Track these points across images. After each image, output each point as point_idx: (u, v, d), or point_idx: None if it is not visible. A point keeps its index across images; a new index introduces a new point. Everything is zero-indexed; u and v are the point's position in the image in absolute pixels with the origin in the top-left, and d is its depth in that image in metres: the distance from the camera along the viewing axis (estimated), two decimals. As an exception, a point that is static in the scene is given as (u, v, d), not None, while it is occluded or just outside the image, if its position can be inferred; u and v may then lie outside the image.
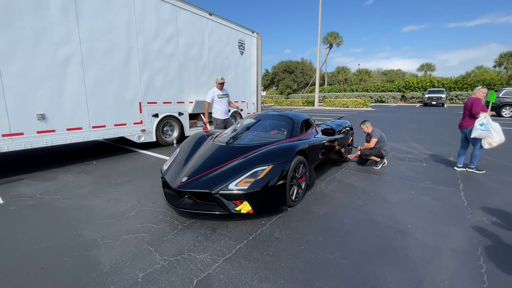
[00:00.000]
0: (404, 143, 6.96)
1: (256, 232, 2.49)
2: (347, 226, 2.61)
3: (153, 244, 2.31)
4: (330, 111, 19.54)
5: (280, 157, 2.79)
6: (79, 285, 1.83)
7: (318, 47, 24.97)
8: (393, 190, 3.62)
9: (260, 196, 2.58)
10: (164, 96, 6.30)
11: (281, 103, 29.13)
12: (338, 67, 44.18)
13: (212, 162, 2.91)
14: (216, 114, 5.26)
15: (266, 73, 46.44)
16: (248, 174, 2.62)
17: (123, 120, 5.51)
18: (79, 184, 3.89)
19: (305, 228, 2.58)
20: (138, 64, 5.66)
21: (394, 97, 29.82)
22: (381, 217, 2.81)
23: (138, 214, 2.90)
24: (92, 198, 3.36)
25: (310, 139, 3.71)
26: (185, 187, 2.59)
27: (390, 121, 12.39)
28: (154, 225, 2.65)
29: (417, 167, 4.78)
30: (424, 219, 2.78)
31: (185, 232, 2.50)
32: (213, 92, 5.18)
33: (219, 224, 2.64)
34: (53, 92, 4.48)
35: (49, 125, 4.48)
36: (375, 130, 4.75)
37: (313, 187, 3.69)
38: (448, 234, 2.48)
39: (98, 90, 5.04)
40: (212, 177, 2.65)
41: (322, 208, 3.02)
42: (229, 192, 2.50)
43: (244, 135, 3.64)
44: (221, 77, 5.22)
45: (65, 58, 4.58)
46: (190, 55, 6.81)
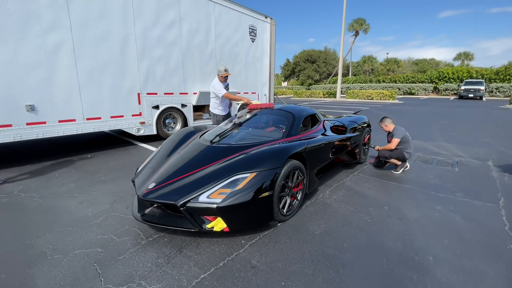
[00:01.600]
0: (432, 142, 6.07)
1: (230, 256, 2.02)
2: (347, 254, 2.05)
3: (104, 265, 1.93)
4: (352, 104, 18.35)
5: (266, 163, 2.26)
6: (-5, 320, 1.49)
7: (342, 33, 23.45)
8: (414, 203, 2.96)
9: (238, 212, 2.10)
10: (165, 87, 5.94)
11: (301, 95, 28.08)
12: (364, 56, 41.65)
13: (189, 165, 2.46)
14: (216, 109, 4.72)
15: (287, 63, 45.03)
16: (225, 183, 2.13)
17: (120, 112, 5.24)
18: (62, 181, 3.66)
19: (293, 253, 2.06)
20: (136, 52, 5.31)
21: (425, 89, 27.53)
22: (393, 242, 2.22)
23: (106, 221, 2.55)
24: (67, 198, 3.08)
25: (314, 138, 3.13)
26: (149, 196, 2.17)
27: (418, 115, 11.20)
28: (116, 237, 2.28)
29: (447, 173, 4.01)
30: (452, 248, 2.14)
31: (147, 250, 2.09)
32: (219, 82, 4.55)
33: (189, 242, 2.20)
34: (42, 82, 4.25)
35: (39, 116, 4.28)
36: (398, 129, 4.02)
37: (315, 195, 3.13)
38: (483, 274, 1.84)
39: (92, 80, 4.77)
40: (183, 184, 2.20)
41: (319, 225, 2.47)
42: (198, 205, 2.04)
43: (234, 132, 3.14)
44: (225, 68, 4.55)
45: (55, 45, 4.32)
46: (194, 43, 6.35)
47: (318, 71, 41.29)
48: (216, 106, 4.70)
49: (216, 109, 4.71)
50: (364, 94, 22.68)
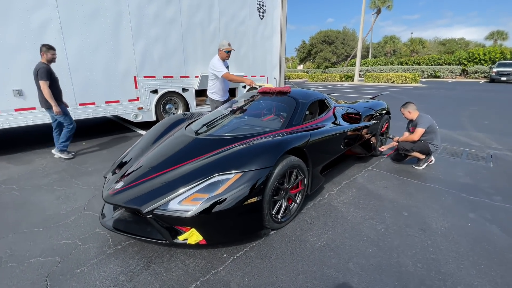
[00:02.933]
0: (461, 131, 5.35)
1: (206, 276, 1.65)
2: (353, 279, 1.62)
3: (56, 280, 1.62)
4: (371, 88, 17.21)
5: (255, 161, 1.82)
6: None
7: (362, 10, 21.74)
8: (440, 209, 2.44)
9: (217, 222, 1.70)
10: (164, 69, 5.52)
11: (316, 78, 26.87)
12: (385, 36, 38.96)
13: (166, 161, 2.07)
14: (214, 94, 4.12)
15: (303, 45, 43.11)
16: (202, 186, 1.73)
17: (115, 97, 4.91)
18: (47, 171, 3.42)
19: (284, 275, 1.66)
20: (131, 31, 4.88)
21: (452, 72, 25.43)
22: (414, 263, 1.76)
23: (76, 221, 2.26)
24: (45, 192, 2.83)
25: (320, 128, 2.64)
26: (114, 199, 1.81)
27: (444, 100, 10.18)
28: (81, 243, 1.97)
29: (480, 169, 3.40)
30: (490, 274, 1.65)
31: (110, 263, 1.77)
32: (219, 61, 3.90)
33: (161, 254, 1.85)
34: (29, 65, 3.93)
35: (28, 102, 4.03)
36: (423, 117, 3.41)
37: (319, 195, 2.68)
38: (540, 320, 1.36)
39: (83, 62, 4.43)
40: (154, 185, 1.82)
41: (321, 236, 2.04)
42: (168, 213, 1.65)
43: (227, 122, 2.70)
44: (228, 42, 3.91)
45: (40, 24, 3.98)
46: (195, 20, 5.81)
47: (335, 53, 39.25)
48: (213, 90, 4.12)
49: (214, 94, 4.15)
50: (384, 77, 21.28)
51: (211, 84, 4.11)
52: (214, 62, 3.91)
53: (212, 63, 3.94)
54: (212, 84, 4.08)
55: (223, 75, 3.86)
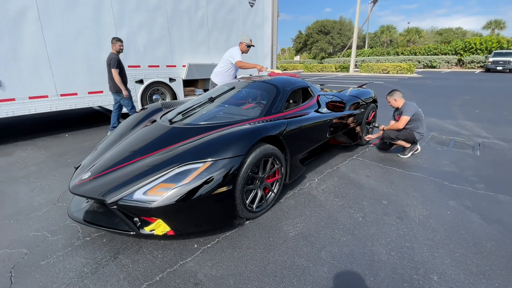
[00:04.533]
0: (451, 120, 5.32)
1: (173, 267, 1.61)
2: (323, 268, 1.59)
3: (21, 272, 1.57)
4: (366, 78, 17.08)
5: (226, 150, 1.76)
6: None
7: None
8: (420, 197, 2.42)
9: (185, 212, 1.65)
10: (150, 59, 5.37)
11: (311, 69, 26.64)
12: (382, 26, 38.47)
13: (136, 151, 2.00)
14: (217, 78, 4.05)
15: (299, 35, 42.45)
16: (169, 176, 1.66)
17: (98, 87, 4.78)
18: (27, 163, 3.34)
19: (254, 264, 1.62)
20: (113, 18, 4.72)
21: (448, 62, 25.29)
22: (387, 251, 1.73)
23: (48, 213, 2.20)
24: (21, 184, 2.75)
25: (300, 116, 2.57)
26: (80, 190, 1.75)
27: (437, 90, 10.13)
28: (50, 235, 1.91)
29: (466, 157, 3.38)
30: (466, 263, 1.63)
31: (77, 254, 1.72)
32: (239, 51, 3.92)
33: (130, 245, 1.80)
34: (6, 55, 3.82)
35: (6, 93, 3.91)
36: (408, 104, 3.36)
37: (300, 184, 2.64)
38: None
39: (63, 51, 4.29)
40: (120, 176, 1.76)
41: (296, 225, 2.00)
42: (133, 203, 1.60)
43: (205, 110, 2.62)
44: (250, 38, 4.04)
45: (17, 12, 3.82)
46: (181, 7, 5.63)
47: (332, 44, 38.73)
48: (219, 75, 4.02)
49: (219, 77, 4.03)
50: (380, 68, 21.09)
51: (218, 70, 4.06)
52: (233, 51, 3.95)
53: (230, 51, 3.97)
54: (221, 70, 4.03)
55: (236, 62, 3.89)
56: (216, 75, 4.08)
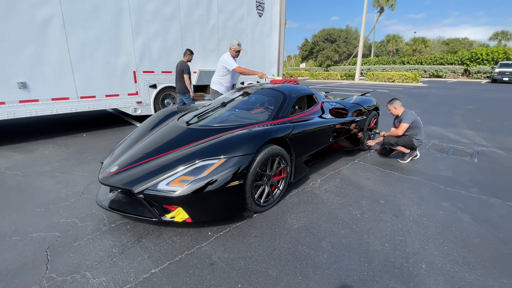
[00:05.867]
0: (453, 129, 5.47)
1: (191, 250, 1.82)
2: (323, 255, 1.78)
3: (56, 251, 1.80)
4: (371, 86, 17.26)
5: (238, 148, 1.99)
6: None
7: (365, 8, 21.71)
8: (416, 198, 2.59)
9: (202, 202, 1.87)
10: (163, 65, 5.68)
11: (317, 76, 26.92)
12: (388, 35, 38.77)
13: (157, 148, 2.24)
14: (217, 86, 4.29)
15: (305, 43, 42.96)
16: (189, 170, 1.89)
17: (115, 91, 5.08)
18: (49, 159, 3.61)
19: (261, 250, 1.82)
20: (131, 27, 5.04)
21: (454, 71, 25.35)
22: (382, 243, 1.91)
23: (75, 203, 2.44)
24: (47, 178, 3.01)
25: (305, 121, 2.79)
26: (109, 181, 1.99)
27: (441, 99, 10.26)
28: (79, 221, 2.15)
29: (464, 164, 3.54)
30: (453, 255, 1.80)
31: (105, 238, 1.94)
32: (231, 57, 4.14)
33: (151, 231, 2.02)
34: (33, 59, 4.14)
35: (31, 94, 4.22)
36: (408, 112, 3.55)
37: (303, 184, 2.84)
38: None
39: (84, 56, 4.60)
40: (145, 169, 1.99)
41: (300, 219, 2.20)
42: (157, 193, 1.82)
43: (218, 113, 2.86)
44: (238, 42, 4.19)
45: (44, 20, 4.14)
46: (194, 17, 5.96)
47: (337, 52, 39.10)
48: (218, 82, 4.27)
49: (218, 85, 4.28)
50: (385, 76, 21.28)
51: (216, 77, 4.29)
52: (226, 58, 4.14)
53: (223, 59, 4.17)
54: (217, 78, 4.26)
55: (234, 69, 4.09)
56: (214, 83, 4.30)
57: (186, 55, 5.04)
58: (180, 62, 5.02)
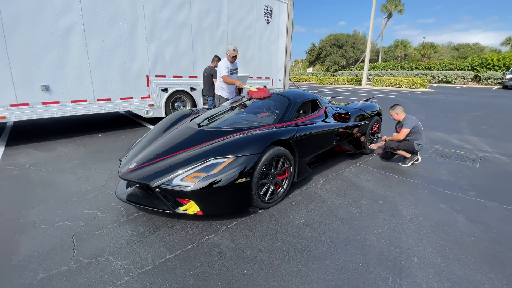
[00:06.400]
0: (457, 135, 5.54)
1: (201, 240, 2.00)
2: (322, 247, 1.94)
3: (81, 238, 2.01)
4: (378, 91, 17.28)
5: (246, 148, 2.17)
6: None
7: (372, 14, 21.80)
8: (414, 199, 2.72)
9: (211, 196, 2.05)
10: (174, 70, 5.95)
11: (324, 81, 27.03)
12: (396, 40, 38.64)
13: (172, 147, 2.44)
14: (221, 91, 4.57)
15: (312, 48, 43.19)
16: (201, 167, 2.08)
17: (129, 94, 5.36)
18: (69, 157, 3.86)
19: (265, 241, 1.99)
20: (145, 34, 5.33)
21: (463, 77, 25.09)
22: (378, 239, 2.05)
23: (95, 197, 2.66)
24: (68, 174, 3.25)
25: (308, 125, 2.96)
26: (128, 176, 2.20)
27: (448, 105, 10.26)
28: (100, 213, 2.36)
29: (465, 169, 3.63)
30: (444, 251, 1.93)
31: (123, 227, 2.14)
32: (225, 64, 4.35)
33: (165, 223, 2.21)
34: (55, 63, 4.44)
35: (53, 96, 4.51)
36: (409, 118, 3.68)
37: (306, 184, 3.00)
38: (475, 286, 1.64)
39: (102, 61, 4.90)
40: (161, 166, 2.19)
41: (302, 216, 2.36)
42: (172, 187, 2.02)
43: (227, 116, 3.06)
44: (233, 47, 4.32)
45: (66, 28, 4.45)
46: (204, 24, 6.23)
47: (345, 57, 39.17)
48: (221, 87, 4.53)
49: (222, 90, 4.55)
50: (392, 82, 21.24)
51: (219, 83, 4.56)
52: (220, 64, 4.41)
53: (219, 65, 4.45)
54: (221, 83, 4.52)
55: (222, 77, 4.37)
56: (218, 89, 4.60)
57: (214, 61, 5.53)
58: (209, 67, 5.57)
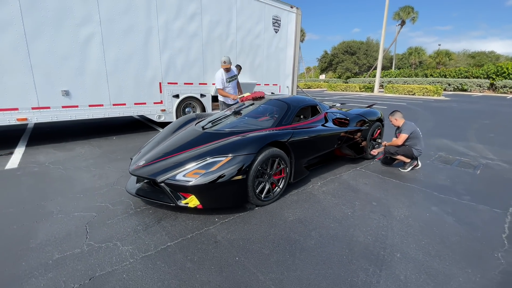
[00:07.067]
0: (463, 142, 5.52)
1: (200, 231, 2.19)
2: (310, 241, 2.08)
3: (93, 226, 2.24)
4: (389, 99, 17.16)
5: (242, 149, 2.36)
6: (1, 255, 1.87)
7: (384, 21, 21.80)
8: (408, 202, 2.81)
9: (210, 191, 2.25)
10: (185, 77, 6.27)
11: (335, 88, 27.02)
12: (410, 47, 38.21)
13: (178, 147, 2.67)
14: (224, 97, 4.93)
15: (324, 55, 43.35)
16: (201, 164, 2.29)
17: (143, 99, 5.70)
18: (85, 157, 4.18)
19: (258, 234, 2.16)
20: (158, 43, 5.69)
21: (479, 85, 24.49)
22: (365, 236, 2.18)
23: (108, 192, 2.91)
24: (84, 171, 3.54)
25: (305, 128, 3.12)
26: (137, 172, 2.43)
27: (459, 113, 10.11)
28: (111, 206, 2.60)
29: (464, 175, 3.67)
30: (427, 249, 2.03)
31: (131, 218, 2.37)
32: (221, 75, 4.72)
33: (169, 215, 2.42)
34: (75, 70, 4.83)
35: (72, 101, 4.89)
36: (407, 123, 3.78)
37: (303, 185, 3.15)
38: (449, 278, 1.74)
39: (118, 69, 5.27)
40: (167, 163, 2.41)
41: (295, 213, 2.51)
42: (175, 182, 2.23)
43: (229, 120, 3.27)
44: (224, 60, 4.57)
45: (86, 38, 4.85)
46: (214, 34, 6.56)
47: (357, 64, 39.05)
48: None
49: (222, 97, 4.91)
50: (405, 89, 21.02)
51: None
52: (216, 77, 4.81)
53: (215, 77, 4.85)
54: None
55: (217, 89, 4.87)
56: (221, 96, 4.94)
57: (238, 70, 5.77)
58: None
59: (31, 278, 1.66)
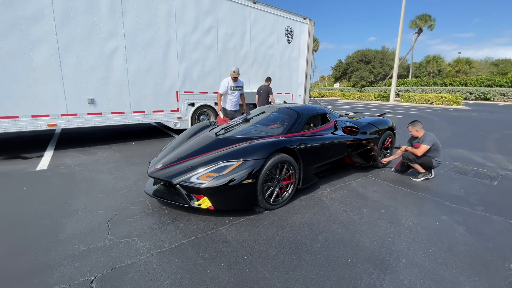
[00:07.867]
0: (481, 153, 5.37)
1: (211, 231, 2.32)
2: (317, 245, 2.15)
3: (114, 223, 2.43)
4: (405, 108, 16.82)
5: (253, 154, 2.49)
6: (34, 246, 2.08)
7: (400, 29, 21.59)
8: (417, 210, 2.81)
9: (222, 193, 2.38)
10: (201, 86, 6.56)
11: (349, 97, 26.80)
12: (428, 56, 37.38)
13: (192, 152, 2.84)
14: (226, 105, 5.25)
15: (339, 64, 43.27)
16: (214, 168, 2.44)
17: (160, 107, 6.02)
18: (107, 160, 4.46)
19: (266, 236, 2.25)
20: (177, 55, 6.02)
21: (503, 94, 23.46)
22: (371, 242, 2.22)
23: (127, 193, 3.12)
24: (106, 174, 3.80)
25: (314, 136, 3.22)
26: (155, 174, 2.62)
27: (480, 123, 9.77)
28: (130, 205, 2.79)
29: (480, 186, 3.60)
30: (434, 256, 2.05)
31: (148, 217, 2.54)
32: (227, 82, 5.08)
33: (183, 215, 2.57)
34: (100, 81, 5.21)
35: (97, 108, 5.26)
36: (429, 135, 3.72)
37: (312, 191, 3.21)
38: (456, 286, 1.75)
39: (139, 79, 5.61)
40: (182, 167, 2.59)
41: (303, 218, 2.59)
42: (189, 184, 2.39)
43: (240, 127, 3.43)
44: (234, 70, 4.97)
45: (111, 51, 5.24)
46: (229, 46, 6.85)
47: (372, 72, 38.66)
48: (225, 101, 5.24)
49: (225, 104, 5.25)
50: (422, 98, 20.53)
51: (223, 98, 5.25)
52: (223, 81, 5.18)
53: (222, 81, 5.21)
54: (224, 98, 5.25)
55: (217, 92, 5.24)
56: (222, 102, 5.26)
57: (268, 81, 6.48)
58: (264, 85, 6.44)
59: (60, 267, 1.85)
